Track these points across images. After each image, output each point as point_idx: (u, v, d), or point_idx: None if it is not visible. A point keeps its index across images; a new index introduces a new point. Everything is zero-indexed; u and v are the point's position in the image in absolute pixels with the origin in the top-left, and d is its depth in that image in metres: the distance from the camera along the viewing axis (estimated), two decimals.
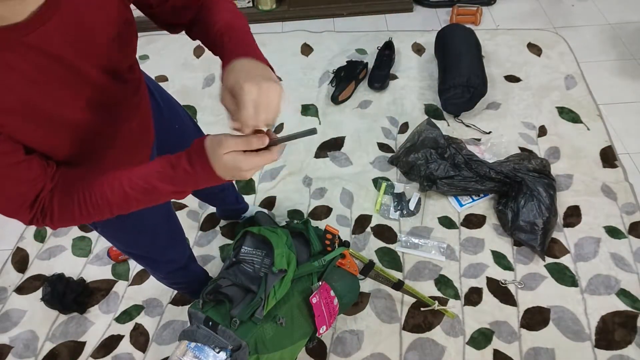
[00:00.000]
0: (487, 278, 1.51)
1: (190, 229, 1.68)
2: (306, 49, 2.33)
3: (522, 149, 1.83)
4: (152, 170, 0.67)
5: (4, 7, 0.49)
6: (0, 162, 0.60)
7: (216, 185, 0.67)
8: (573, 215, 1.63)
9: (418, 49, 2.28)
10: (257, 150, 0.62)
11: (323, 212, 1.71)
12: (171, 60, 2.30)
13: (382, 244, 1.61)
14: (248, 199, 1.75)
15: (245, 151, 0.62)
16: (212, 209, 1.72)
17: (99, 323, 1.49)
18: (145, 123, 0.89)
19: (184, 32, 0.84)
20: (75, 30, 0.60)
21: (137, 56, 0.80)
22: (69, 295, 1.48)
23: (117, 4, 0.67)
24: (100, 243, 1.68)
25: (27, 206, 0.66)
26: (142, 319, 1.49)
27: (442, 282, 1.51)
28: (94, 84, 0.68)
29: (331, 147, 1.91)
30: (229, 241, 1.66)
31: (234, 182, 1.54)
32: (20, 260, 1.64)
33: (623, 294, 1.45)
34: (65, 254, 1.65)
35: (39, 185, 0.66)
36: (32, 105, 0.60)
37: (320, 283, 1.19)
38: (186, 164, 0.64)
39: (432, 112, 2.00)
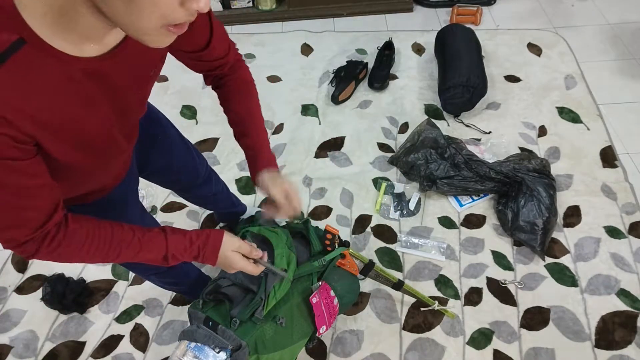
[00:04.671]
0: (487, 278, 1.51)
1: (190, 229, 1.68)
2: (306, 49, 2.33)
3: (522, 149, 1.83)
4: (162, 228, 0.81)
5: (99, 44, 0.58)
6: (22, 183, 0.60)
7: (200, 263, 0.85)
8: (573, 215, 1.63)
9: (418, 49, 2.28)
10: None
11: (323, 212, 1.71)
12: (171, 61, 2.29)
13: (382, 244, 1.61)
14: (248, 199, 1.75)
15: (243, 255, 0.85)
16: None
17: (99, 323, 1.49)
18: None
19: None
20: (137, 63, 0.69)
21: None
22: (69, 295, 1.48)
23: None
24: None
25: (31, 228, 0.64)
26: (142, 319, 1.49)
27: (442, 282, 1.51)
28: (134, 112, 0.77)
29: (331, 147, 1.91)
30: None
31: (229, 187, 1.54)
32: (20, 260, 1.64)
33: (623, 294, 1.45)
34: None
35: (48, 213, 0.65)
36: (79, 127, 0.64)
37: (320, 283, 1.19)
38: (202, 233, 0.83)
39: (432, 112, 2.00)
